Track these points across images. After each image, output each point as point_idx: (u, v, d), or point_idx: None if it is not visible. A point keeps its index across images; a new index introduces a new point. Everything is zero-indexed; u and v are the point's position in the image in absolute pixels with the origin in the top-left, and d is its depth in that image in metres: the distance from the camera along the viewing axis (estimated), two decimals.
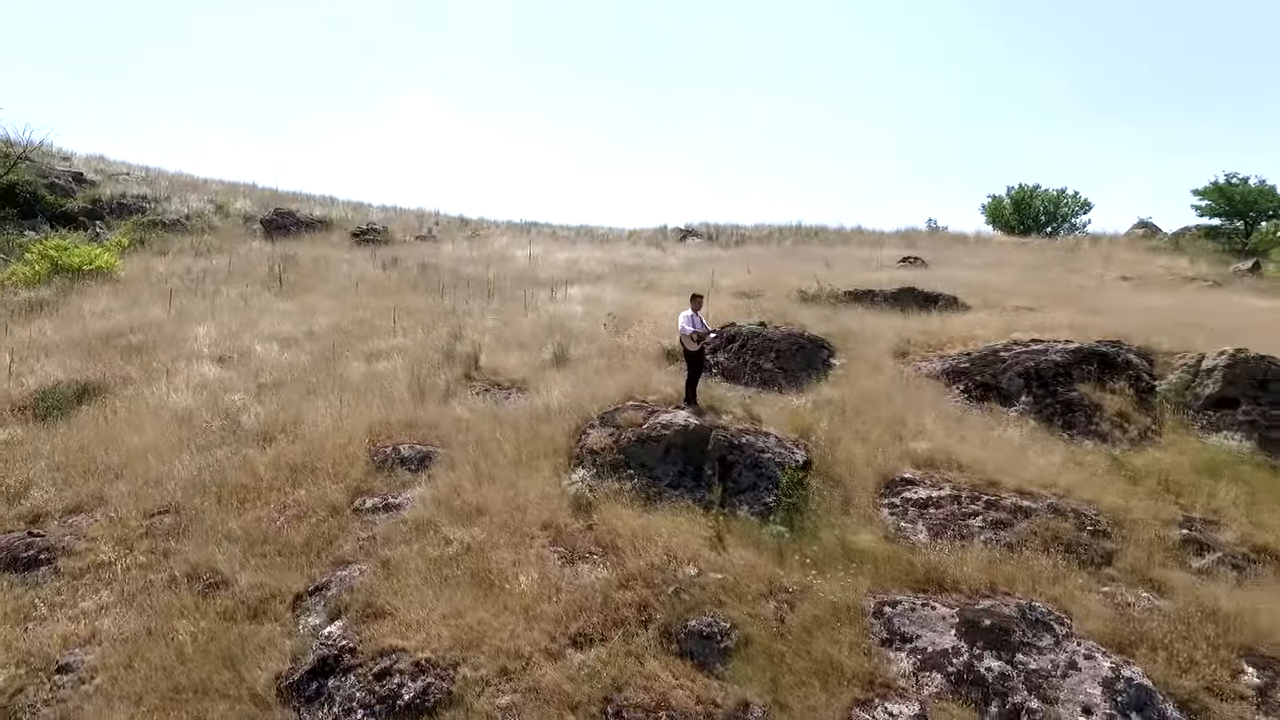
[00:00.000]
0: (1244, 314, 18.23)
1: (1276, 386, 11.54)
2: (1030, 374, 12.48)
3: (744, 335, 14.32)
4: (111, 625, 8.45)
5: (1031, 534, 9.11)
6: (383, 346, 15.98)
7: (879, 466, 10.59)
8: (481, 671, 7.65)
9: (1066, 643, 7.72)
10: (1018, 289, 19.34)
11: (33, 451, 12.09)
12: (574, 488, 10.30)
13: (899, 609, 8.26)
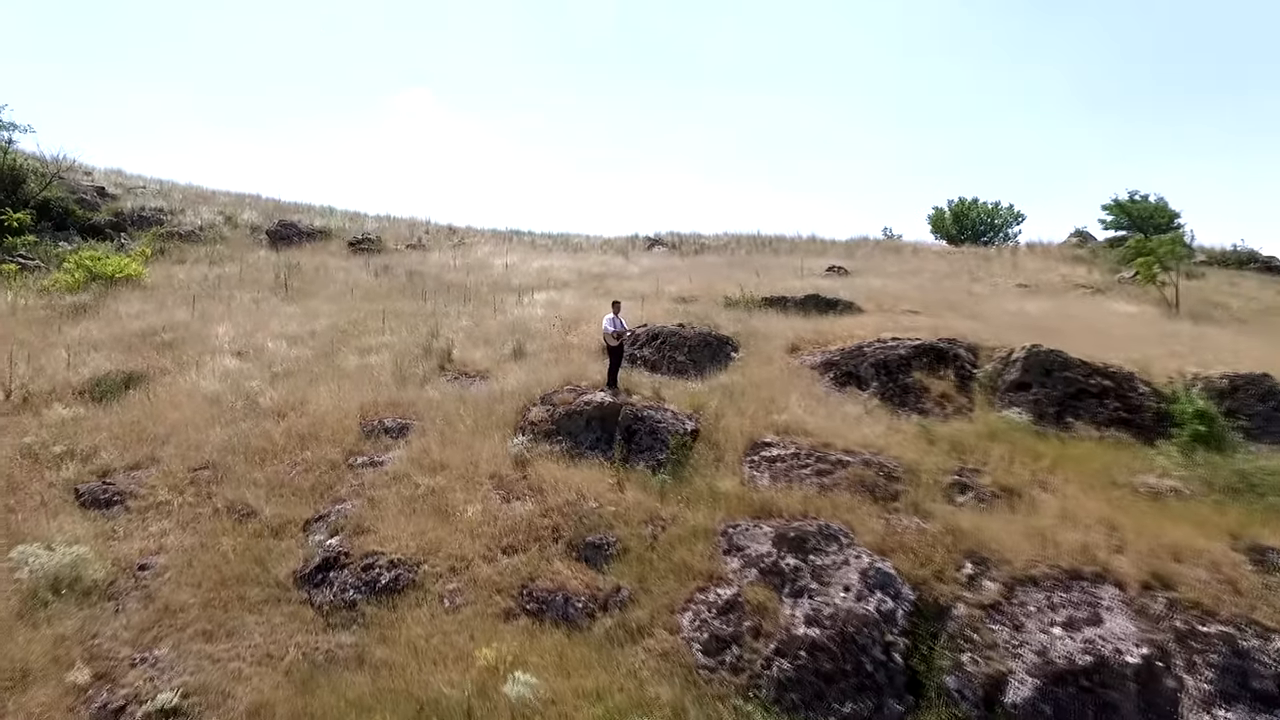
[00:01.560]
0: (1090, 317, 21.50)
1: (1059, 374, 14.76)
2: (881, 364, 15.70)
3: (665, 334, 17.53)
4: (173, 541, 11.63)
5: (844, 479, 12.34)
6: (373, 343, 19.14)
7: (748, 433, 13.80)
8: (437, 568, 10.86)
9: (847, 549, 10.93)
10: (913, 296, 22.60)
11: (95, 425, 15.23)
12: (515, 449, 13.50)
13: (738, 529, 11.47)
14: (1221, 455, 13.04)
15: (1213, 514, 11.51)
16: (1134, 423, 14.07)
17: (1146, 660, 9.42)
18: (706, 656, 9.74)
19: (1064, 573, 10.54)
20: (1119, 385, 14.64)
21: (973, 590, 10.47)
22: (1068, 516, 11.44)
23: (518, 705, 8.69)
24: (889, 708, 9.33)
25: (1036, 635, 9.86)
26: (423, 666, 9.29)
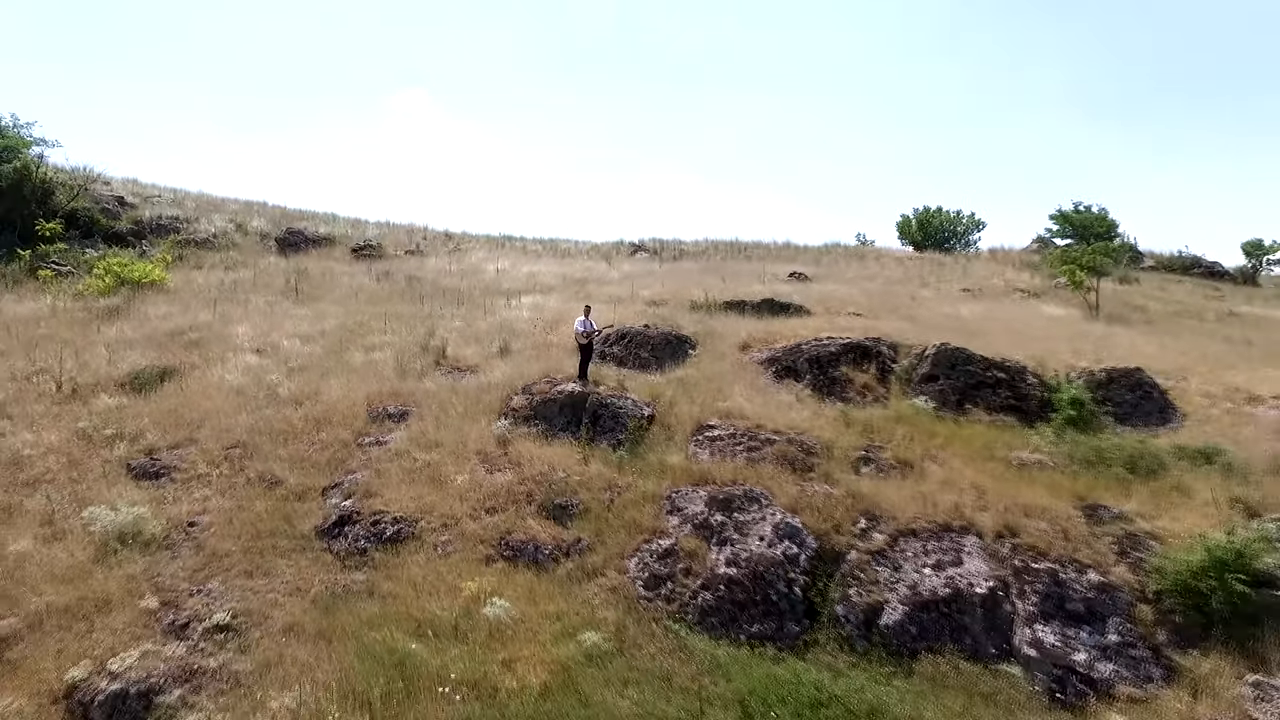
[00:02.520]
0: (1016, 319, 23.97)
1: (962, 368, 17.19)
2: (814, 360, 18.13)
3: (631, 333, 19.95)
4: (214, 504, 14.02)
5: (770, 454, 14.77)
6: (376, 341, 21.52)
7: (696, 417, 16.22)
8: (431, 524, 13.26)
9: (765, 509, 13.36)
10: (860, 300, 25.05)
11: (137, 412, 17.60)
12: (499, 430, 15.91)
13: (679, 494, 13.89)
14: (1087, 435, 15.51)
15: (1065, 481, 14.00)
16: (1021, 409, 16.54)
17: (991, 591, 11.89)
18: (646, 590, 12.17)
19: (938, 526, 13.01)
20: (1011, 377, 17.10)
21: (864, 540, 12.93)
22: (948, 483, 13.91)
23: (494, 622, 11.11)
24: (788, 629, 11.76)
25: (910, 574, 12.31)
26: (420, 596, 11.71)
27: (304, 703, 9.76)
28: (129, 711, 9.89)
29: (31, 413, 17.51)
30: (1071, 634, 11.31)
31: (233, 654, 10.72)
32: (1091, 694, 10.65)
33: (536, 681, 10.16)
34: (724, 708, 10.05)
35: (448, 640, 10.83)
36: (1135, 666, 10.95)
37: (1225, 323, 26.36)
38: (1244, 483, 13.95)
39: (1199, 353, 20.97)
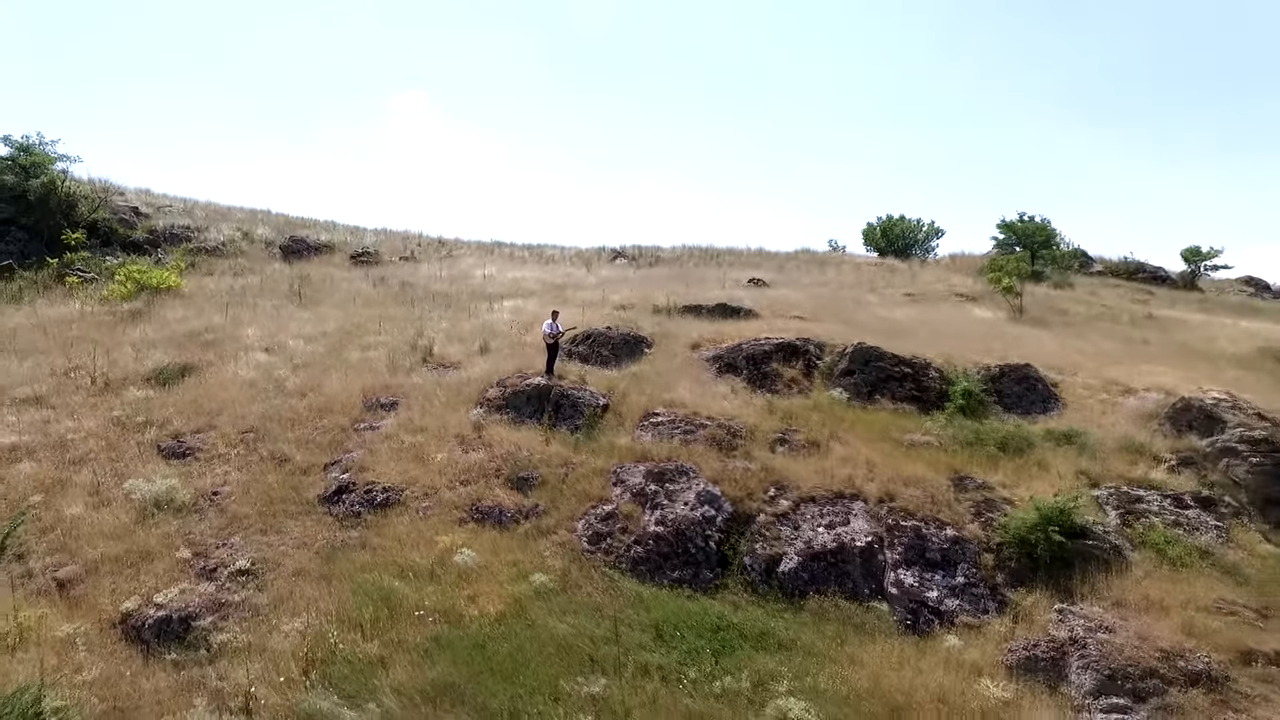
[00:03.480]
0: (944, 321, 26.58)
1: (874, 364, 19.80)
2: (750, 357, 20.72)
3: (595, 334, 22.55)
4: (233, 478, 16.59)
5: (702, 436, 17.36)
6: (372, 341, 24.08)
7: (644, 406, 18.81)
8: (414, 492, 15.84)
9: (692, 480, 15.94)
10: (806, 305, 27.65)
11: (163, 403, 20.16)
12: (475, 417, 18.50)
13: (623, 469, 16.46)
14: (973, 421, 18.13)
15: (945, 457, 16.63)
16: (921, 399, 19.15)
17: (869, 544, 14.50)
18: (589, 545, 14.76)
19: (833, 494, 15.63)
20: (916, 372, 19.72)
21: (771, 505, 15.54)
22: (846, 459, 16.53)
23: (462, 568, 13.70)
24: (703, 575, 14.35)
25: (807, 532, 14.92)
26: (403, 548, 14.29)
27: (310, 625, 12.36)
28: (172, 632, 12.49)
29: (71, 403, 20.09)
30: (928, 577, 13.94)
31: (252, 591, 13.32)
32: (937, 622, 13.29)
33: (494, 610, 12.76)
34: (641, 630, 12.67)
35: (424, 581, 13.43)
36: (975, 601, 13.58)
37: (1138, 325, 29.01)
38: (1093, 459, 16.59)
39: (1095, 351, 23.61)
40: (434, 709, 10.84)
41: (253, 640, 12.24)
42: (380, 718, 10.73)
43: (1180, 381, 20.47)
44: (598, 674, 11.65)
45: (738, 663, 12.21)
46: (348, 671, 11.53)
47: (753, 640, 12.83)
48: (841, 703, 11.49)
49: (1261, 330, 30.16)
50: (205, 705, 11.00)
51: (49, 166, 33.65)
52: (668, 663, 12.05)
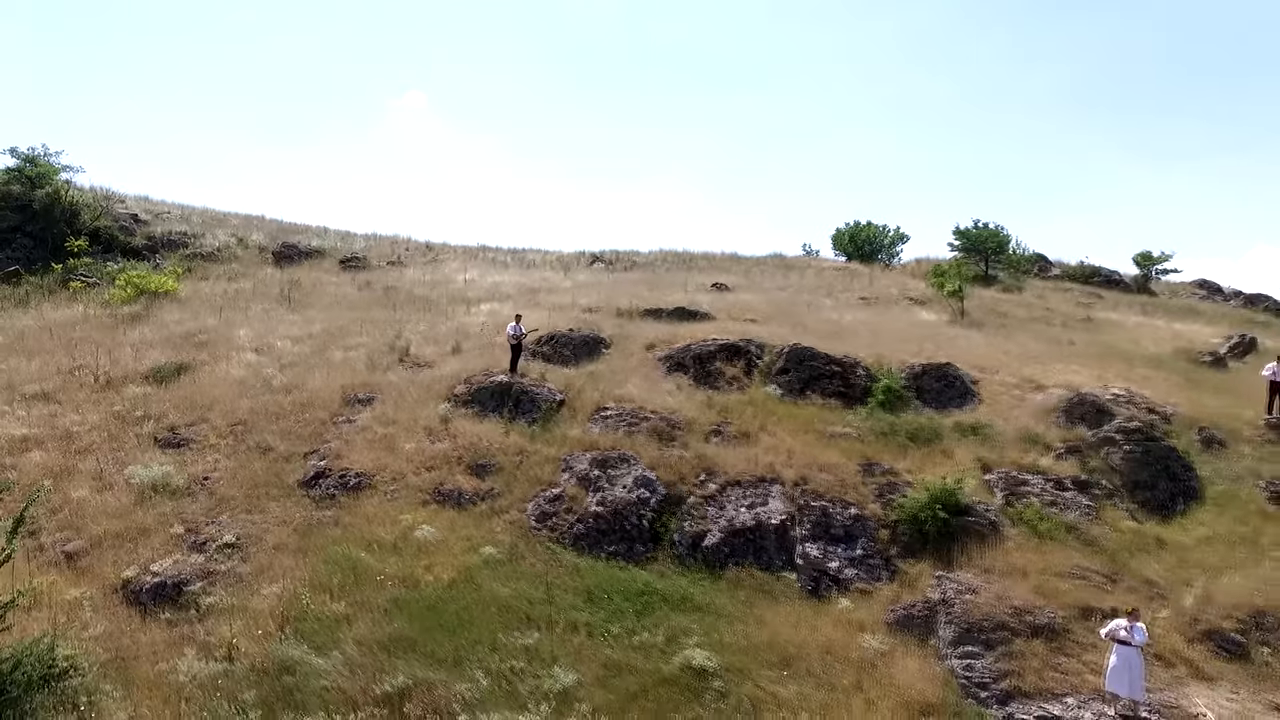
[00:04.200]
0: (887, 323, 28.42)
1: (807, 363, 21.63)
2: (696, 357, 22.54)
3: (558, 336, 24.38)
4: (222, 465, 18.39)
5: (645, 428, 19.19)
6: (354, 343, 25.86)
7: (597, 402, 20.63)
8: (384, 478, 17.64)
9: (632, 467, 17.76)
10: (761, 308, 29.48)
11: (160, 399, 21.93)
12: (442, 411, 20.30)
13: (572, 457, 18.28)
14: (891, 414, 19.96)
15: (860, 447, 18.47)
16: (848, 394, 20.99)
17: (782, 521, 16.34)
18: (537, 523, 16.57)
19: (756, 478, 17.46)
20: (844, 370, 21.57)
21: (701, 488, 17.38)
22: (772, 448, 18.37)
23: (422, 542, 15.51)
24: (636, 549, 16.17)
25: (730, 511, 16.75)
26: (371, 525, 16.09)
27: (286, 590, 14.17)
28: (166, 596, 14.29)
29: (76, 399, 21.87)
30: (831, 550, 15.78)
31: (237, 562, 15.14)
32: (836, 589, 15.13)
33: (447, 577, 14.59)
34: (574, 594, 14.51)
35: (388, 552, 15.24)
36: (870, 570, 15.43)
37: (1071, 327, 30.88)
38: (992, 448, 18.46)
39: (1021, 351, 25.47)
40: (389, 656, 12.66)
41: (236, 602, 14.05)
42: (343, 663, 12.55)
43: (1089, 379, 22.34)
44: (532, 629, 13.49)
45: (656, 621, 14.04)
46: (317, 627, 13.35)
47: (673, 603, 14.67)
48: (740, 653, 13.33)
49: (1188, 332, 32.08)
50: (194, 654, 12.83)
51: (53, 177, 35.42)
52: (594, 620, 13.88)
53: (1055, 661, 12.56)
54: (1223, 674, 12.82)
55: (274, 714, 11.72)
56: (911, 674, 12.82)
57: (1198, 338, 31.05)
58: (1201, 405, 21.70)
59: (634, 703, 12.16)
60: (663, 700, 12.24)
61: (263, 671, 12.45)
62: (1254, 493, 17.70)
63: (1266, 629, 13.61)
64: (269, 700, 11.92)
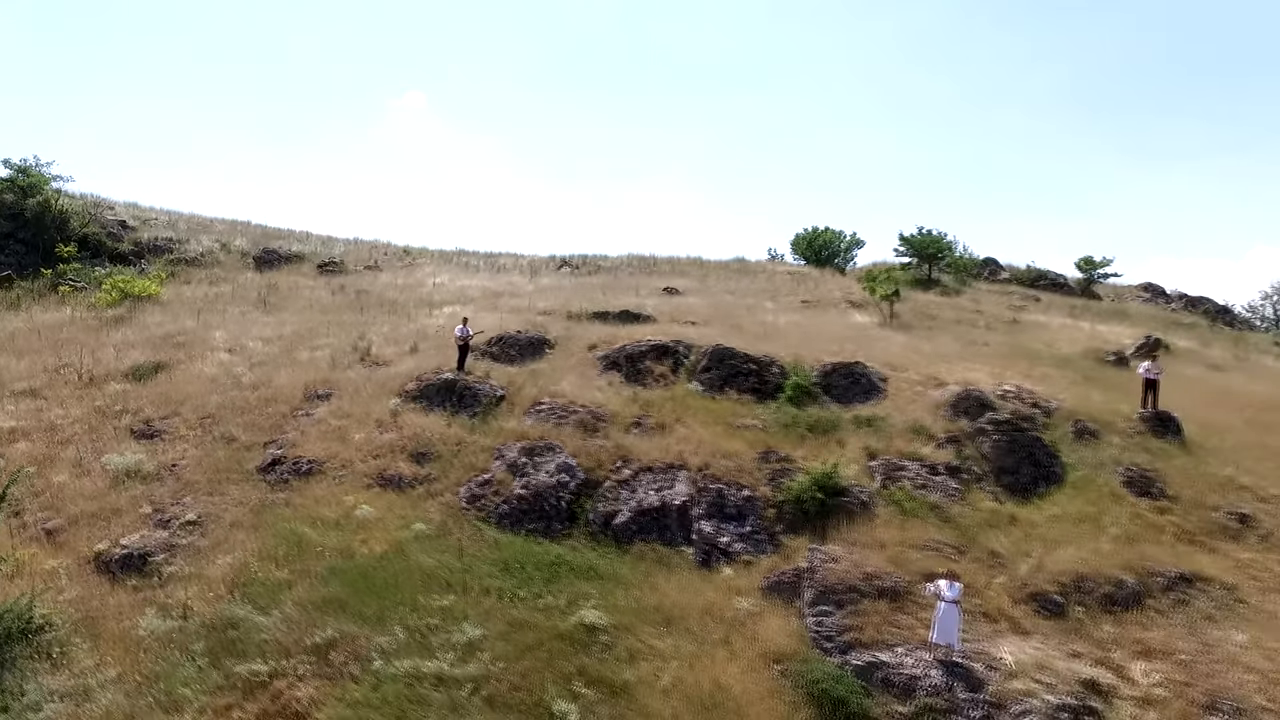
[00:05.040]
0: (818, 326, 30.37)
1: (727, 362, 23.56)
2: (628, 356, 24.45)
3: (507, 337, 26.29)
4: (190, 454, 20.28)
5: (572, 420, 21.11)
6: (320, 343, 27.73)
7: (534, 397, 22.54)
8: (334, 464, 19.55)
9: (556, 455, 19.69)
10: (703, 312, 31.41)
11: (138, 395, 23.79)
12: (393, 406, 22.20)
13: (504, 446, 20.20)
14: (798, 409, 21.90)
15: (763, 437, 20.42)
16: (762, 390, 22.93)
17: (684, 502, 18.27)
18: (466, 504, 18.49)
19: (666, 465, 19.40)
20: (761, 368, 23.52)
21: (616, 474, 19.31)
22: (684, 439, 20.31)
23: (361, 519, 17.41)
24: (554, 527, 18.09)
25: (640, 494, 18.69)
26: (318, 505, 18.00)
27: (238, 560, 16.09)
28: (133, 565, 16.19)
29: (61, 395, 23.74)
30: (723, 526, 17.73)
31: (197, 537, 17.05)
32: (724, 560, 17.07)
33: (379, 549, 16.51)
34: (491, 564, 16.43)
35: (330, 529, 17.16)
36: (756, 544, 17.38)
37: (994, 329, 32.88)
38: (881, 438, 20.42)
39: (934, 351, 27.44)
40: (322, 615, 14.59)
41: (193, 570, 15.98)
42: (281, 620, 14.48)
43: (986, 377, 24.32)
44: (450, 593, 15.42)
45: (561, 588, 15.98)
46: (262, 590, 15.27)
47: (579, 572, 16.61)
48: (630, 614, 15.28)
49: (1108, 334, 34.11)
50: (154, 614, 14.77)
51: (44, 187, 37.24)
52: (506, 586, 15.82)
53: (894, 619, 14.52)
54: (1039, 629, 14.80)
55: (218, 661, 13.66)
56: (774, 630, 14.78)
57: (1113, 339, 33.06)
58: (1087, 400, 23.69)
59: (529, 652, 14.10)
60: (554, 651, 14.17)
61: (212, 627, 14.39)
62: (1110, 478, 19.68)
63: (1085, 592, 15.60)
64: (215, 650, 13.86)
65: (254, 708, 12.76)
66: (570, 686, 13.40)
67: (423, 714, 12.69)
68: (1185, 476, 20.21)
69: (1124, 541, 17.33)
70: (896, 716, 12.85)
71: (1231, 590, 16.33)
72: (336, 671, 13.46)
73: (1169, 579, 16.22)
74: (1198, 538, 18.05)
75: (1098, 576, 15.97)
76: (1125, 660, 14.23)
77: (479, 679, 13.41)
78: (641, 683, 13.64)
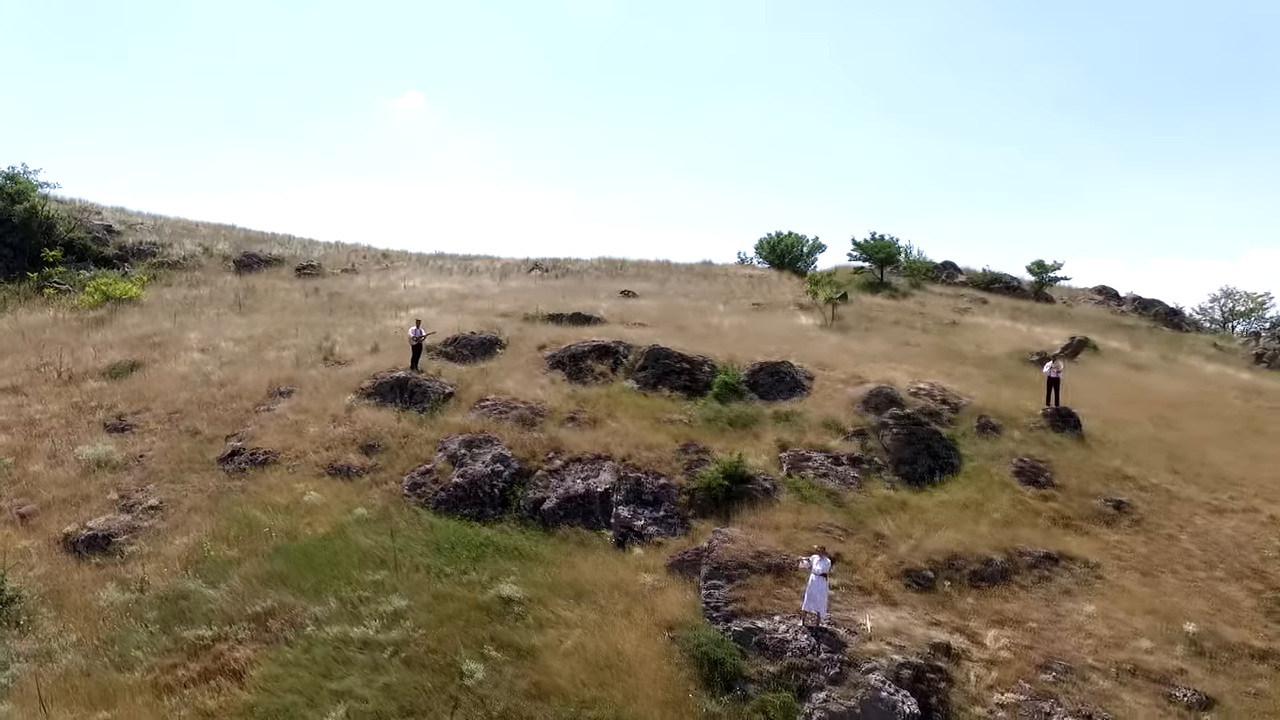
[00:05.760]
0: (761, 327, 31.98)
1: (661, 361, 25.16)
2: (572, 356, 26.03)
3: (461, 337, 27.86)
4: (157, 445, 21.82)
5: (512, 415, 22.69)
6: (288, 344, 29.25)
7: (480, 394, 24.12)
8: (289, 455, 21.11)
9: (493, 447, 21.26)
10: (653, 314, 33.01)
11: (113, 392, 25.32)
12: (348, 402, 23.76)
13: (448, 439, 21.76)
14: (723, 405, 23.50)
15: (687, 431, 22.03)
16: (692, 388, 24.54)
17: (606, 490, 19.86)
18: (408, 491, 20.06)
19: (594, 456, 20.99)
20: (693, 367, 25.14)
21: (548, 464, 20.91)
22: (614, 432, 21.90)
23: (308, 505, 18.98)
24: (487, 512, 19.66)
25: (568, 482, 20.27)
26: (273, 492, 19.55)
27: (193, 541, 17.67)
28: (98, 545, 17.76)
29: (41, 391, 25.29)
30: (640, 511, 19.33)
31: (158, 520, 18.62)
32: (637, 541, 18.66)
33: (322, 531, 18.09)
34: (424, 545, 18.00)
35: (279, 513, 18.72)
36: (669, 527, 18.98)
37: (929, 331, 34.41)
38: (795, 431, 22.04)
39: (864, 351, 29.08)
40: (264, 587, 16.17)
41: (152, 550, 17.56)
42: (228, 592, 16.06)
43: (907, 376, 25.97)
44: (383, 569, 16.98)
45: (486, 565, 17.56)
46: (213, 567, 16.85)
47: (504, 553, 18.19)
48: (546, 588, 16.87)
49: (1041, 335, 35.79)
50: (114, 587, 16.34)
51: (31, 194, 38.72)
52: (435, 564, 17.39)
53: (777, 591, 16.12)
54: (908, 601, 16.44)
55: (169, 627, 15.24)
56: (671, 602, 16.39)
57: (1045, 340, 34.72)
58: (998, 398, 25.34)
59: (449, 621, 15.68)
60: (472, 619, 15.76)
61: (165, 599, 15.98)
62: (1003, 469, 21.33)
63: (954, 568, 17.25)
64: (166, 618, 15.45)
65: (197, 667, 14.34)
66: (482, 650, 14.98)
67: (346, 672, 14.27)
68: (1074, 467, 21.86)
69: (1001, 525, 18.98)
70: (766, 674, 14.45)
71: (1094, 568, 18.01)
72: (273, 636, 15.04)
73: (1036, 558, 17.89)
74: (1074, 522, 19.71)
75: (969, 555, 17.62)
76: (981, 628, 15.89)
77: (400, 643, 14.99)
78: (547, 647, 15.23)
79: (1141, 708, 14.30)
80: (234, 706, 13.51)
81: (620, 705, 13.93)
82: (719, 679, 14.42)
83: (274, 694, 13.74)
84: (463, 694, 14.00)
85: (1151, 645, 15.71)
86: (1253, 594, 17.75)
